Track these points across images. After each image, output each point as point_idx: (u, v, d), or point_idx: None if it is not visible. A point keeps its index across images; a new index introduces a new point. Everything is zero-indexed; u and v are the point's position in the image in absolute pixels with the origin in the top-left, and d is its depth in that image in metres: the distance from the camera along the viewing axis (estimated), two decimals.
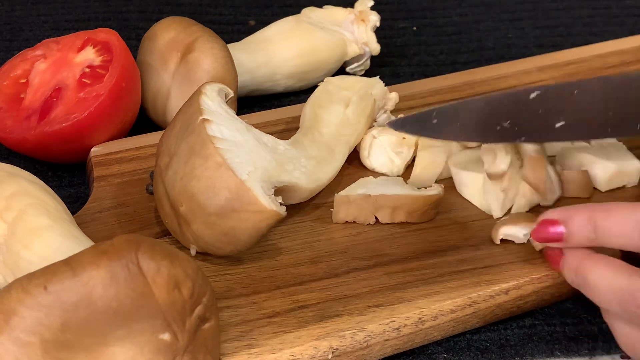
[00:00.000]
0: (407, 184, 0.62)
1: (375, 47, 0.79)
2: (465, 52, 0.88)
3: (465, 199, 0.63)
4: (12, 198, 0.53)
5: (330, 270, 0.56)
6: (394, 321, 0.53)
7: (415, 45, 0.88)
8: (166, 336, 0.45)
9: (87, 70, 0.66)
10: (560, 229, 0.52)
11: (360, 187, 0.61)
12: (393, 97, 0.68)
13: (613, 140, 0.64)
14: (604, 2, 0.96)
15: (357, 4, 0.79)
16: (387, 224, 0.60)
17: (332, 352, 0.52)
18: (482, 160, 0.61)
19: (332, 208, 0.60)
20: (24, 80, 0.67)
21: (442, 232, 0.60)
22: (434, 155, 0.64)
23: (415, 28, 0.91)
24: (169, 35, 0.71)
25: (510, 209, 0.61)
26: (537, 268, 0.57)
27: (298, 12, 0.79)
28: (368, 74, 0.81)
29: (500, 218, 0.60)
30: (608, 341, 0.55)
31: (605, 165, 0.62)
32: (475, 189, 0.62)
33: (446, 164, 0.64)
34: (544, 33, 0.91)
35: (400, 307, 0.54)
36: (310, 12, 0.79)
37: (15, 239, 0.51)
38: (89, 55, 0.67)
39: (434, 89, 0.75)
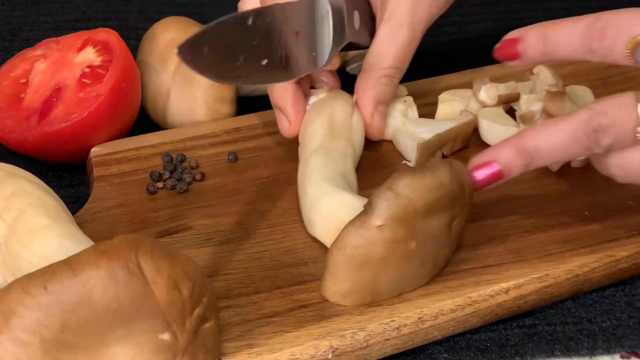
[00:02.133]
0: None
1: None
2: (466, 52, 0.88)
3: None
4: (12, 198, 0.53)
5: None
6: (394, 320, 0.53)
7: None
8: (166, 336, 0.45)
9: (87, 70, 0.66)
10: (517, 46, 0.56)
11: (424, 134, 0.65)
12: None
13: None
14: (604, 3, 0.96)
15: None
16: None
17: (332, 352, 0.52)
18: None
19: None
20: (24, 80, 0.68)
21: None
22: (452, 107, 0.70)
23: None
24: (169, 35, 0.71)
25: None
26: (537, 267, 0.56)
27: None
28: None
29: None
30: (608, 340, 0.55)
31: None
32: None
33: None
34: None
35: (400, 307, 0.54)
36: None
37: (15, 239, 0.51)
38: (89, 55, 0.67)
39: (433, 88, 0.75)
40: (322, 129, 0.63)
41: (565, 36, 0.55)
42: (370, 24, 0.67)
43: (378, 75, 0.64)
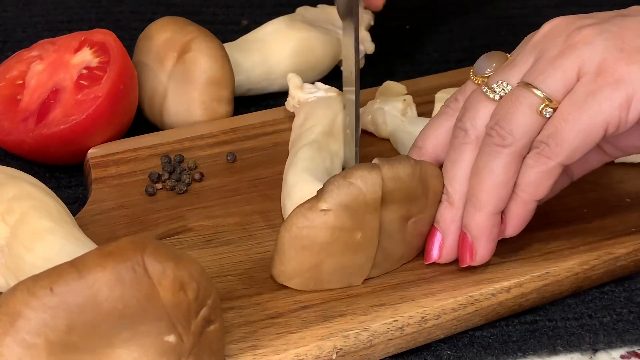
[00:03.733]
0: None
1: (369, 46, 0.79)
2: (459, 50, 0.88)
3: None
4: (14, 201, 0.52)
5: None
6: (397, 320, 0.53)
7: (409, 44, 0.89)
8: (171, 338, 0.45)
9: (84, 71, 0.66)
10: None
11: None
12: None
13: None
14: (595, 0, 0.97)
15: None
16: None
17: (336, 352, 0.52)
18: None
19: None
20: (21, 82, 0.67)
21: None
22: None
23: (408, 27, 0.92)
24: (165, 35, 0.71)
25: None
26: (538, 266, 0.57)
27: (290, 12, 0.79)
28: (363, 72, 0.81)
29: None
30: (609, 335, 0.56)
31: None
32: None
33: None
34: (537, 30, 0.91)
35: (403, 306, 0.54)
36: (304, 11, 0.79)
37: (17, 242, 0.51)
38: (86, 56, 0.67)
39: (428, 87, 0.75)
40: (322, 125, 0.63)
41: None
42: None
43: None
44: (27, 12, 0.89)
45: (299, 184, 0.58)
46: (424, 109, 0.71)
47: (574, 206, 0.62)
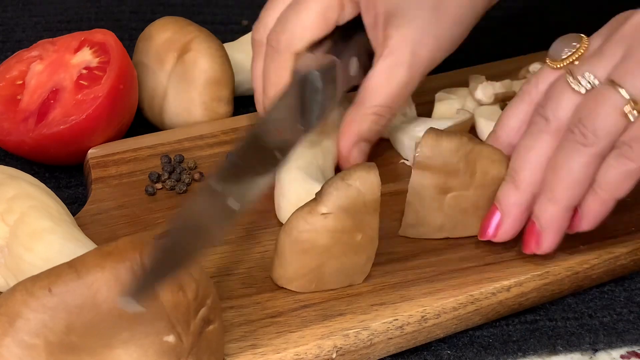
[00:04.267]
0: None
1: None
2: (458, 50, 0.88)
3: None
4: (14, 200, 0.52)
5: None
6: (397, 319, 0.53)
7: None
8: (170, 338, 0.45)
9: (84, 71, 0.66)
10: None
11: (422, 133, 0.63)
12: None
13: None
14: (597, 1, 0.96)
15: None
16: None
17: (336, 351, 0.52)
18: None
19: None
20: (20, 82, 0.67)
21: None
22: (448, 106, 0.70)
23: None
24: (165, 35, 0.71)
25: None
26: (538, 265, 0.57)
27: None
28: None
29: None
30: (609, 335, 0.56)
31: None
32: None
33: None
34: (536, 31, 0.91)
35: (403, 305, 0.54)
36: None
37: (17, 242, 0.51)
38: (86, 56, 0.67)
39: (428, 87, 0.74)
40: None
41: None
42: (369, 64, 0.63)
43: (367, 112, 0.61)
44: (27, 12, 0.89)
45: (293, 182, 0.59)
46: (424, 109, 0.71)
47: None
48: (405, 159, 0.66)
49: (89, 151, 0.66)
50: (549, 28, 0.91)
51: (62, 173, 0.69)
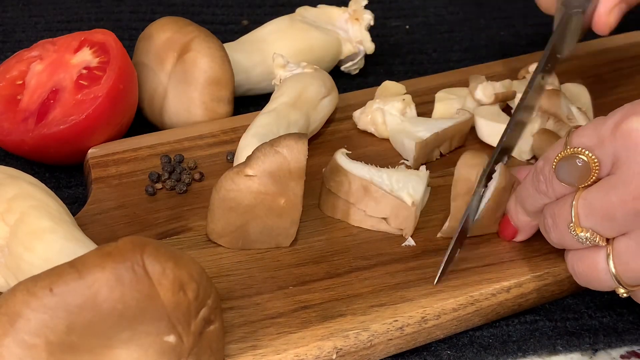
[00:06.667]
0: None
1: (369, 46, 0.79)
2: (458, 50, 0.88)
3: None
4: (14, 200, 0.52)
5: (332, 270, 0.56)
6: (397, 320, 0.53)
7: (409, 44, 0.89)
8: (171, 338, 0.45)
9: (84, 71, 0.65)
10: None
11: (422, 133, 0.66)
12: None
13: None
14: None
15: (351, 3, 0.79)
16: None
17: (337, 352, 0.52)
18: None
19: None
20: (21, 82, 0.67)
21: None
22: (448, 106, 0.71)
23: (408, 27, 0.92)
24: (165, 35, 0.71)
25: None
26: (538, 266, 0.57)
27: (290, 11, 0.79)
28: (362, 72, 0.82)
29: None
30: (609, 335, 0.56)
31: None
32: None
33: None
34: (536, 31, 0.91)
35: (403, 306, 0.54)
36: (304, 11, 0.79)
37: (17, 242, 0.51)
38: (86, 56, 0.67)
39: (428, 87, 0.75)
40: (287, 97, 0.65)
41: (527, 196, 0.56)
42: None
43: None
44: (27, 12, 0.89)
45: (246, 148, 0.60)
46: (424, 109, 0.71)
47: None
48: (405, 159, 0.66)
49: (89, 151, 0.66)
50: (549, 28, 0.92)
51: (62, 173, 0.68)
